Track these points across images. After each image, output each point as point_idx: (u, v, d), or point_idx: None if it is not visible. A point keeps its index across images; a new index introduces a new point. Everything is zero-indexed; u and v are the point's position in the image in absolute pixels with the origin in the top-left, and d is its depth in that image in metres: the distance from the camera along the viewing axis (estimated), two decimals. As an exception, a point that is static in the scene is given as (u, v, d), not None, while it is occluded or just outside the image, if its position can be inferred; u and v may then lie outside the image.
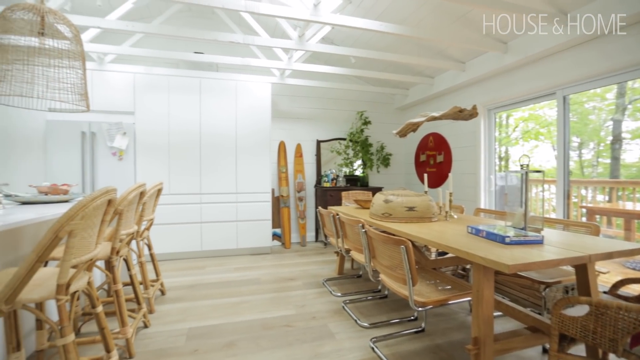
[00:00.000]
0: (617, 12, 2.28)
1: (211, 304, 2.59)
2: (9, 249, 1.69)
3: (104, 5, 3.72)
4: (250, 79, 4.11)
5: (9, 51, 2.02)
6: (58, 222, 1.10)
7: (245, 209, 4.05)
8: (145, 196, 2.10)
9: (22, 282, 1.09)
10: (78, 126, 3.45)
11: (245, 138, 4.06)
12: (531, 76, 3.12)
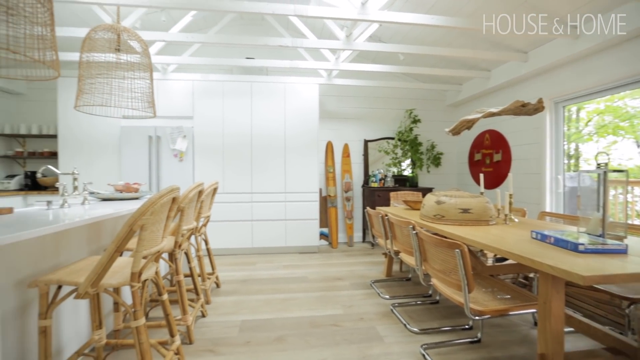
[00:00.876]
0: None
1: (262, 298, 2.70)
2: (92, 239, 1.93)
3: (167, 20, 4.07)
4: (298, 81, 4.20)
5: (93, 67, 2.31)
6: (132, 217, 1.23)
7: (294, 208, 4.15)
8: (203, 195, 2.25)
9: (104, 269, 1.24)
10: (146, 131, 3.83)
11: (293, 139, 4.16)
12: (609, 63, 2.75)
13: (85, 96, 2.25)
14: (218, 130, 4.05)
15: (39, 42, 1.49)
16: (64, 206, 1.94)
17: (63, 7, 3.31)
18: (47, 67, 1.61)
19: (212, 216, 4.04)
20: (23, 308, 1.41)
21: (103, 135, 3.92)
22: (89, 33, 2.24)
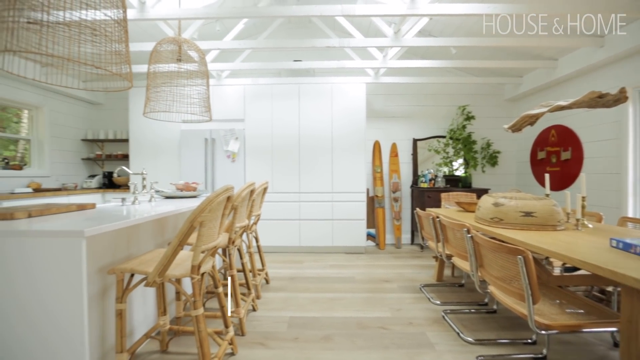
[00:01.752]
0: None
1: (309, 297, 2.74)
2: (158, 233, 2.13)
3: (221, 30, 4.33)
4: (345, 81, 4.20)
5: (158, 77, 2.54)
6: (193, 214, 1.33)
7: (341, 208, 4.15)
8: (254, 194, 2.35)
9: (169, 261, 1.36)
10: (202, 134, 4.11)
11: (340, 139, 4.17)
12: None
13: (151, 103, 2.48)
14: (267, 132, 4.20)
15: (116, 57, 1.67)
16: (135, 203, 2.16)
17: (134, 24, 3.68)
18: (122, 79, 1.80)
19: (262, 215, 4.21)
20: (104, 292, 1.59)
21: (166, 139, 4.30)
22: (155, 46, 2.47)
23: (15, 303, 1.24)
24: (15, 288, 1.24)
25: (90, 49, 1.57)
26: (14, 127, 4.09)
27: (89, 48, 1.56)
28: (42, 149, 4.22)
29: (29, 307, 1.24)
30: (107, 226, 1.31)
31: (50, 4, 1.39)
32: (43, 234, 1.21)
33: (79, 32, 1.52)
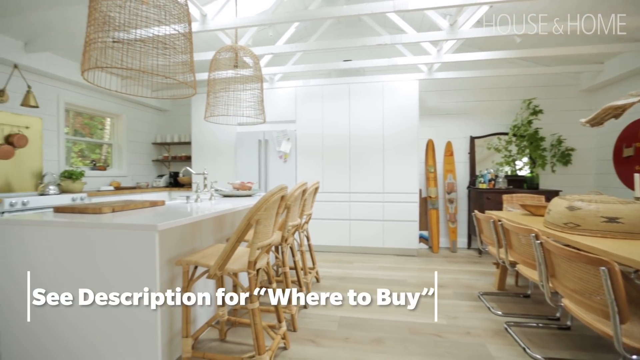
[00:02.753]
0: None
1: (359, 297, 2.72)
2: (217, 229, 2.27)
3: (274, 35, 4.49)
4: (397, 79, 4.09)
5: (217, 83, 2.71)
6: (250, 212, 1.40)
7: (392, 208, 4.05)
8: (306, 193, 2.40)
9: (228, 256, 1.44)
10: (256, 135, 4.31)
11: (392, 138, 4.07)
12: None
13: (211, 108, 2.66)
14: (318, 132, 4.26)
15: (182, 67, 1.82)
16: (197, 201, 2.34)
17: (196, 36, 3.98)
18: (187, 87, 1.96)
19: (313, 214, 4.27)
20: (171, 281, 1.75)
21: (223, 141, 4.59)
22: (215, 54, 2.64)
23: (99, 283, 1.42)
24: (101, 271, 1.42)
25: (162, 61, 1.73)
26: (99, 133, 4.68)
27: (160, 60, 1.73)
28: (121, 152, 4.78)
29: (112, 288, 1.41)
30: (175, 221, 1.43)
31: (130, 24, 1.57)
32: (124, 226, 1.37)
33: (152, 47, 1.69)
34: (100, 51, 1.50)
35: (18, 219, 1.52)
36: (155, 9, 1.65)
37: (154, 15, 1.64)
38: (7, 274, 1.52)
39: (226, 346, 1.98)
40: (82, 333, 1.44)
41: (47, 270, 1.47)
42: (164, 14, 1.67)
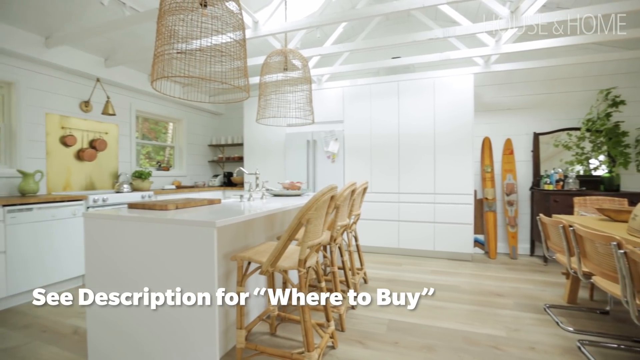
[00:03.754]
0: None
1: (409, 301, 2.63)
2: (268, 227, 2.36)
3: (321, 36, 4.54)
4: (449, 74, 3.88)
5: (268, 86, 2.82)
6: (301, 211, 1.43)
7: (444, 210, 3.86)
8: (355, 194, 2.39)
9: (279, 254, 1.49)
10: (304, 136, 4.39)
11: (444, 136, 3.87)
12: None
13: (262, 111, 2.77)
14: (366, 132, 4.21)
15: (237, 73, 1.92)
16: (250, 200, 2.45)
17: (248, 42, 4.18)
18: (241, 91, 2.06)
19: (361, 214, 4.23)
20: (227, 275, 1.85)
21: (273, 142, 4.75)
22: (266, 59, 2.75)
23: (164, 272, 1.55)
24: (165, 261, 1.55)
25: (219, 67, 1.84)
26: (163, 137, 5.13)
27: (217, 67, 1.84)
28: (181, 154, 5.19)
29: (174, 279, 1.53)
30: (231, 219, 1.52)
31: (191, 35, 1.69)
32: (186, 222, 1.49)
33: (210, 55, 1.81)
34: (166, 62, 1.64)
35: (100, 213, 1.73)
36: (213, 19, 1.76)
37: (211, 26, 1.75)
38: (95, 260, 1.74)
39: (276, 340, 2.05)
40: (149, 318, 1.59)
41: (122, 258, 1.65)
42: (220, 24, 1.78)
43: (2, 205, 2.48)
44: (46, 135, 3.29)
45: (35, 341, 2.05)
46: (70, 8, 2.91)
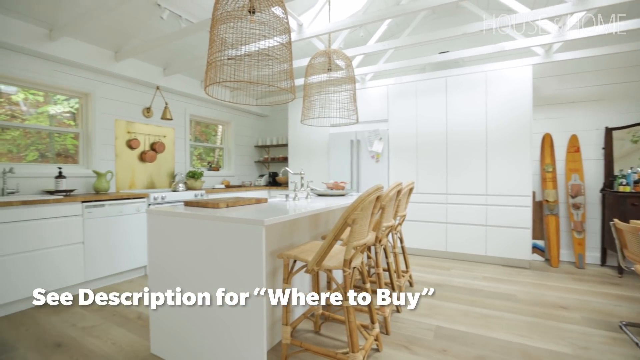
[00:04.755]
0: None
1: (459, 308, 2.50)
2: (312, 227, 2.39)
3: (365, 35, 4.49)
4: (503, 66, 3.61)
5: (313, 87, 2.85)
6: (346, 211, 1.42)
7: (497, 213, 3.60)
8: (401, 194, 2.33)
9: (325, 253, 1.50)
10: (348, 136, 4.37)
11: (497, 133, 3.62)
12: None
13: (306, 111, 2.81)
14: (412, 131, 4.08)
15: (283, 75, 1.97)
16: (295, 199, 2.50)
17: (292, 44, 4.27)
18: (286, 93, 2.10)
19: (407, 216, 4.12)
20: (273, 272, 1.91)
21: (317, 142, 4.80)
22: (310, 60, 2.78)
23: (215, 266, 1.64)
24: (217, 257, 1.64)
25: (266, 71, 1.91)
26: (213, 139, 5.44)
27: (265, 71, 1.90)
28: (230, 155, 5.46)
29: (224, 273, 1.61)
30: (279, 218, 1.56)
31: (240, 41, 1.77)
32: (237, 220, 1.56)
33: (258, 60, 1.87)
34: (218, 68, 1.74)
35: (160, 210, 1.89)
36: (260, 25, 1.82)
37: (259, 32, 1.81)
38: (155, 252, 1.90)
39: (320, 339, 2.07)
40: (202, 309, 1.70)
41: (178, 251, 1.78)
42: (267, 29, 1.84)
43: (82, 201, 2.81)
44: (115, 139, 3.66)
45: (107, 322, 2.29)
46: (135, 24, 3.21)
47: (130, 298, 2.73)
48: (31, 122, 3.13)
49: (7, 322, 2.31)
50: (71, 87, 3.29)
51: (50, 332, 2.17)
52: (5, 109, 2.96)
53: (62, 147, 3.38)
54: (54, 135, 3.31)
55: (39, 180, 3.04)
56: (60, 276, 2.67)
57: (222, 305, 1.62)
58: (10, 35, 2.72)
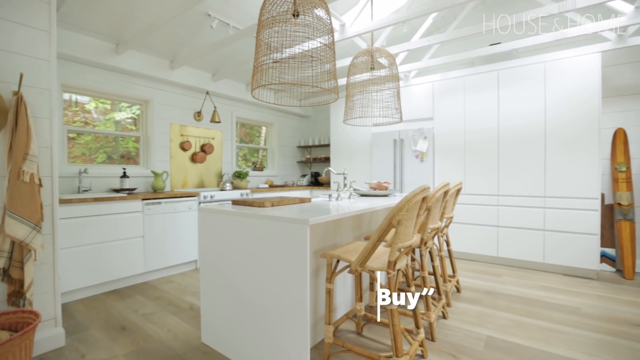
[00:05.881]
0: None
1: (512, 318, 2.33)
2: (355, 227, 2.37)
3: (408, 31, 4.35)
4: (566, 55, 3.29)
5: (355, 86, 2.83)
6: (391, 212, 1.39)
7: (558, 216, 3.28)
8: (447, 195, 2.22)
9: (369, 254, 1.48)
10: (391, 135, 4.28)
11: (558, 129, 3.30)
12: None
13: (349, 111, 2.79)
14: (459, 129, 3.88)
15: (327, 76, 1.98)
16: (338, 199, 2.50)
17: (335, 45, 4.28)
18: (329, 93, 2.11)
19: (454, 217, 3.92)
20: (316, 271, 1.93)
21: (358, 142, 4.76)
22: (352, 60, 2.77)
23: (260, 266, 1.69)
24: (261, 255, 1.69)
25: (309, 72, 1.93)
26: (257, 140, 5.64)
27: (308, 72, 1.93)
28: (273, 155, 5.62)
29: (270, 271, 1.66)
30: (323, 217, 1.57)
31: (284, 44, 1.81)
32: (282, 219, 1.60)
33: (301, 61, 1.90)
34: (264, 72, 1.79)
35: (210, 208, 2.00)
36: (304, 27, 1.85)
37: (302, 34, 1.84)
38: (205, 247, 2.01)
39: (362, 340, 2.05)
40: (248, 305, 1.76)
41: (226, 247, 1.87)
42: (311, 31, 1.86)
43: (142, 199, 3.08)
44: (170, 141, 3.95)
45: (163, 311, 2.48)
46: (188, 34, 3.44)
47: (183, 290, 2.93)
48: (100, 127, 3.49)
49: (81, 305, 2.60)
50: (134, 95, 3.62)
51: (116, 317, 2.40)
52: (80, 116, 3.34)
53: (125, 150, 3.72)
54: (119, 139, 3.66)
55: (107, 180, 3.38)
56: (124, 266, 2.95)
57: (267, 301, 1.67)
58: (83, 50, 3.06)
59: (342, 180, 2.81)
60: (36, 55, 1.90)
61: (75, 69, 3.16)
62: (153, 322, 2.31)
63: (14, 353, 1.51)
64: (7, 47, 1.81)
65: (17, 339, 1.51)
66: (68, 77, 3.11)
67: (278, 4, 1.80)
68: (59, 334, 1.98)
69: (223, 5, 3.14)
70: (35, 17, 1.90)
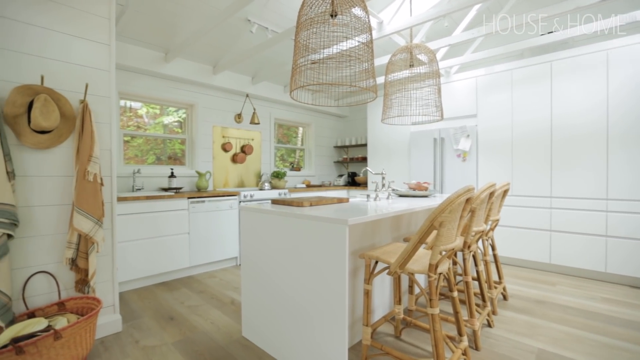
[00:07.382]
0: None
1: (568, 331, 2.14)
2: (394, 228, 2.32)
3: (450, 25, 4.17)
4: (633, 41, 2.95)
5: (393, 85, 2.77)
6: (433, 213, 1.34)
7: (623, 221, 2.96)
8: (493, 196, 2.10)
9: (409, 256, 1.44)
10: (431, 134, 4.13)
11: (623, 125, 2.97)
12: None
13: (387, 110, 2.74)
14: (505, 126, 3.65)
15: (365, 75, 1.96)
16: (376, 199, 2.46)
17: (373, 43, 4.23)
18: (366, 93, 2.09)
19: (500, 220, 3.71)
20: (354, 272, 1.92)
21: (397, 141, 4.66)
22: (391, 58, 2.71)
23: (299, 265, 1.72)
24: (300, 254, 1.71)
25: (347, 72, 1.93)
26: (294, 140, 5.73)
27: (346, 71, 1.92)
28: (310, 155, 5.68)
29: (308, 270, 1.68)
30: (362, 217, 1.56)
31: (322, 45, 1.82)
32: (321, 219, 1.61)
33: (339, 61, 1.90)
34: (302, 73, 1.82)
35: (251, 207, 2.07)
36: (342, 27, 1.85)
37: (340, 34, 1.84)
38: (246, 245, 2.09)
39: (401, 344, 2.00)
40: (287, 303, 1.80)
41: (266, 245, 1.92)
42: (348, 30, 1.85)
43: (187, 197, 3.27)
44: (212, 143, 4.15)
45: (206, 304, 2.61)
46: (229, 40, 3.59)
47: (225, 285, 3.07)
48: (150, 131, 3.76)
49: (135, 295, 2.82)
50: (181, 100, 3.85)
51: (165, 307, 2.57)
52: (133, 121, 3.62)
53: (172, 151, 3.97)
54: (167, 141, 3.91)
55: (156, 179, 3.63)
56: (172, 260, 3.15)
57: (306, 299, 1.69)
58: (137, 60, 3.32)
59: (380, 180, 2.77)
60: (98, 66, 2.10)
61: (130, 77, 3.43)
62: (198, 314, 2.44)
63: (81, 335, 1.67)
64: (75, 60, 2.01)
65: (84, 322, 1.67)
66: (123, 85, 3.39)
67: (316, 5, 1.82)
68: (117, 320, 2.17)
69: (262, 10, 3.23)
70: (97, 32, 2.09)
